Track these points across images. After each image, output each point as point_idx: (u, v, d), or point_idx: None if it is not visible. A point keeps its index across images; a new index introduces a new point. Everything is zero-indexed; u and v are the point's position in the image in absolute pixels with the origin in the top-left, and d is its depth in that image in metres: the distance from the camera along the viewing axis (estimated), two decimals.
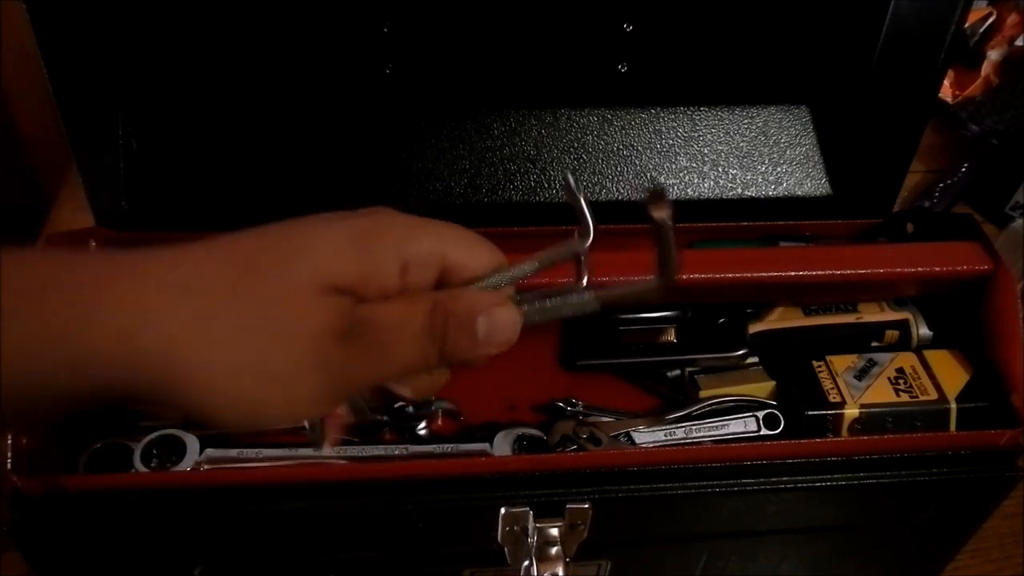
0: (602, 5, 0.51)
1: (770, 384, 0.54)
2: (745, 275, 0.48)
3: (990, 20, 0.89)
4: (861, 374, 0.52)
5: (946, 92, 0.88)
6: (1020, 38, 0.87)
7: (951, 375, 0.51)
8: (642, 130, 0.56)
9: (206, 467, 0.47)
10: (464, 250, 0.31)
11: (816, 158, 0.58)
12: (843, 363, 0.52)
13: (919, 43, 0.52)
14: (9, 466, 0.40)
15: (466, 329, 0.29)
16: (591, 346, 0.56)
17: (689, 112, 0.57)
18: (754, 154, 0.57)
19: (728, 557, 0.52)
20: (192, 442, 0.47)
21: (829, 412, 0.50)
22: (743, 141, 0.57)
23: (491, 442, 0.50)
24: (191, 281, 0.26)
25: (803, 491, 0.46)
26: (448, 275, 0.30)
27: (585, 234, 0.32)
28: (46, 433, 0.44)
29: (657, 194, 0.28)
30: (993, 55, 0.88)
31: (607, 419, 0.52)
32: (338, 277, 0.27)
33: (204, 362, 0.25)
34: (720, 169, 0.57)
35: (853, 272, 0.49)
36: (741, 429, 0.52)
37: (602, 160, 0.56)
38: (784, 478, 0.46)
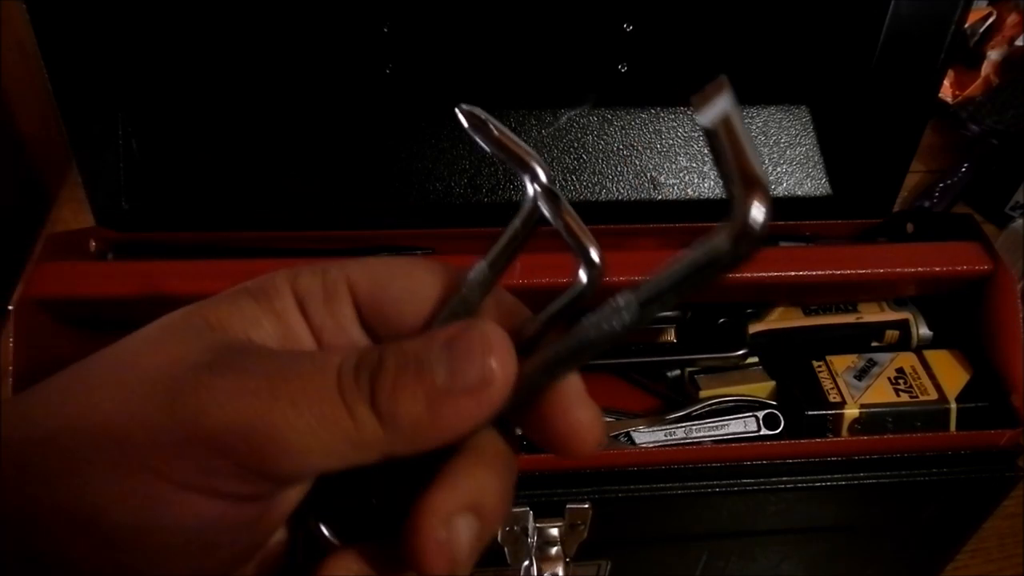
0: (602, 5, 0.51)
1: (770, 384, 0.54)
2: (745, 275, 0.48)
3: (990, 20, 0.89)
4: (861, 374, 0.52)
5: (946, 92, 0.88)
6: (1020, 38, 0.87)
7: (951, 375, 0.51)
8: (642, 130, 0.56)
9: None
10: (374, 272, 0.23)
11: (816, 158, 0.58)
12: (843, 363, 0.52)
13: (919, 43, 0.52)
14: None
15: (414, 366, 0.20)
16: None
17: (689, 112, 0.57)
18: None
19: (728, 557, 0.52)
20: None
21: (829, 412, 0.50)
22: None
23: None
24: None
25: (803, 491, 0.46)
26: (380, 313, 0.23)
27: (589, 264, 0.24)
28: None
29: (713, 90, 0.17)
30: (993, 55, 0.88)
31: (607, 419, 0.52)
32: (211, 312, 0.22)
33: None
34: None
35: (853, 272, 0.49)
36: (741, 429, 0.52)
37: (602, 160, 0.56)
38: (784, 478, 0.46)
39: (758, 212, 0.16)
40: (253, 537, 0.21)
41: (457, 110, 0.22)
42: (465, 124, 0.22)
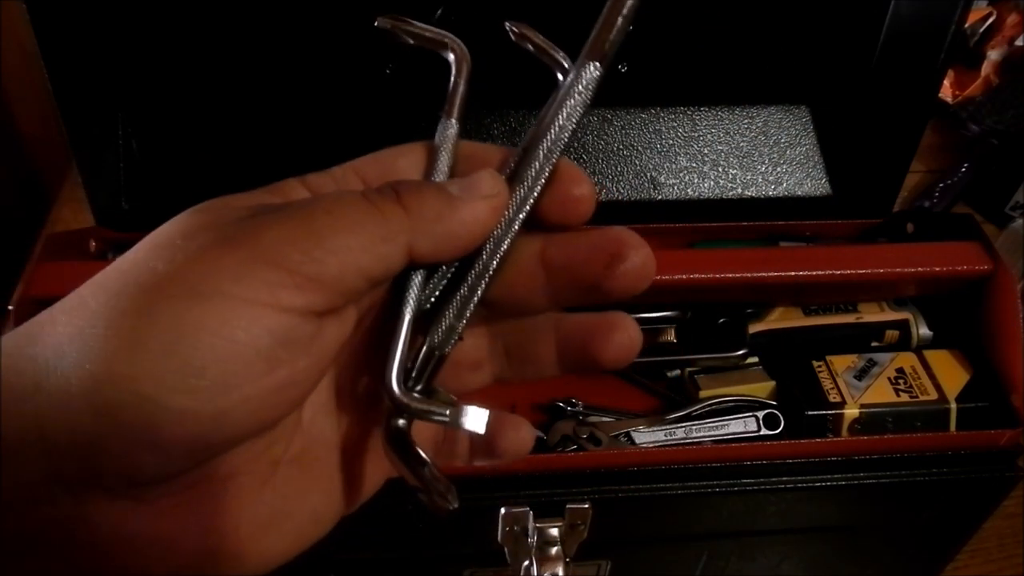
0: (602, 5, 0.51)
1: (770, 384, 0.54)
2: (745, 275, 0.48)
3: (990, 20, 0.89)
4: (861, 374, 0.52)
5: (946, 92, 0.88)
6: (1020, 38, 0.87)
7: (951, 375, 0.51)
8: (642, 130, 0.56)
9: None
10: (378, 158, 0.27)
11: (816, 158, 0.58)
12: (843, 363, 0.52)
13: (919, 43, 0.52)
14: None
15: (430, 185, 0.24)
16: None
17: (689, 112, 0.57)
18: (754, 154, 0.57)
19: (728, 557, 0.52)
20: None
21: (829, 412, 0.50)
22: (743, 141, 0.57)
23: None
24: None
25: (803, 491, 0.46)
26: None
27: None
28: None
29: None
30: (993, 55, 0.88)
31: (607, 419, 0.53)
32: (229, 202, 0.24)
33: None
34: (720, 169, 0.57)
35: (853, 272, 0.49)
36: (741, 429, 0.52)
37: (602, 160, 0.56)
38: (784, 478, 0.46)
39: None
40: (308, 360, 0.23)
41: (376, 23, 0.28)
42: (389, 27, 0.28)
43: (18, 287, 0.44)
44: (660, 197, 0.56)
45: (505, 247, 0.25)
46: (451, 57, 0.28)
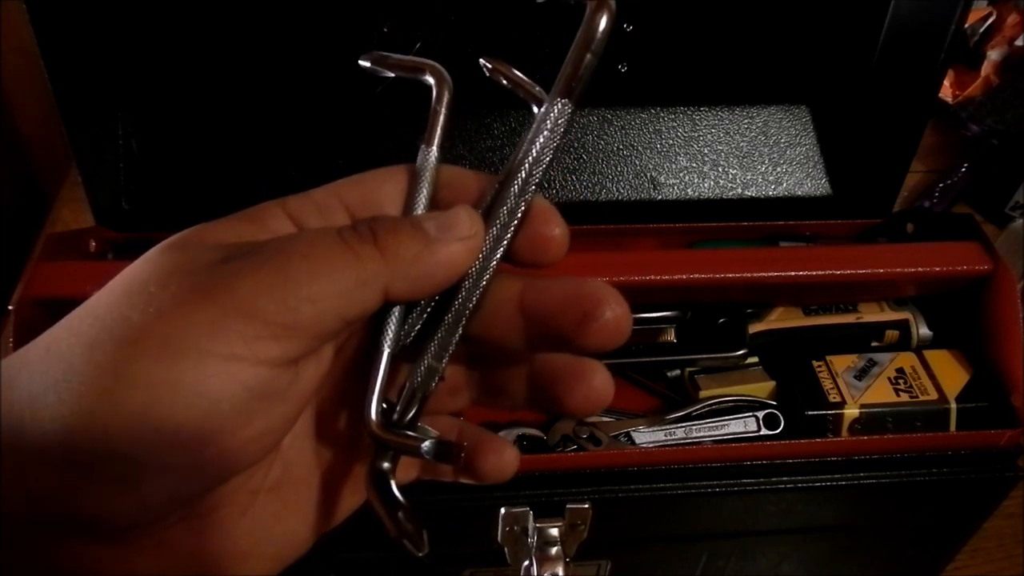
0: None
1: (770, 384, 0.54)
2: (745, 275, 0.48)
3: (990, 20, 0.89)
4: (861, 374, 0.52)
5: (946, 92, 0.88)
6: (1020, 38, 0.87)
7: (951, 375, 0.51)
8: (642, 130, 0.56)
9: None
10: (361, 181, 0.26)
11: (816, 158, 0.58)
12: (843, 363, 0.52)
13: (919, 43, 0.52)
14: None
15: (408, 223, 0.24)
16: None
17: (689, 112, 0.57)
18: (754, 154, 0.57)
19: (728, 557, 0.52)
20: None
21: (829, 412, 0.50)
22: (743, 141, 0.57)
23: None
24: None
25: (803, 491, 0.46)
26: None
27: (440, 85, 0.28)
28: None
29: None
30: (993, 55, 0.88)
31: (607, 419, 0.52)
32: (205, 235, 0.24)
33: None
34: (720, 169, 0.57)
35: (853, 272, 0.49)
36: (741, 429, 0.52)
37: (602, 160, 0.56)
38: (784, 478, 0.46)
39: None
40: (285, 408, 0.23)
41: (360, 61, 0.28)
42: (369, 65, 0.28)
43: (18, 287, 0.44)
44: (660, 197, 0.56)
45: (483, 285, 0.25)
46: (431, 82, 0.28)
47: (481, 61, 0.28)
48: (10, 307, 0.43)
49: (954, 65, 0.89)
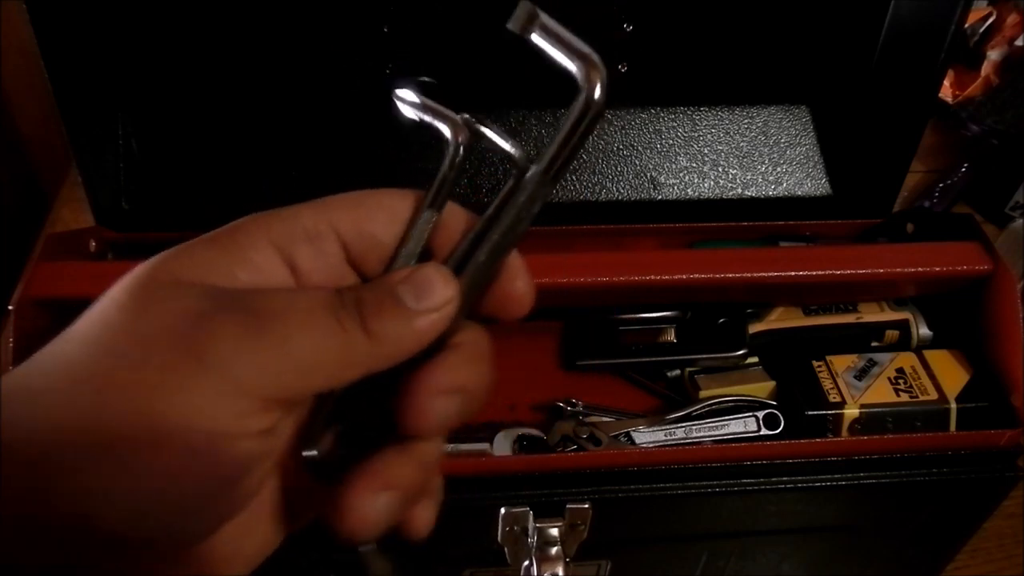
0: (602, 5, 0.51)
1: (770, 384, 0.54)
2: (745, 275, 0.48)
3: (990, 20, 0.89)
4: (861, 374, 0.52)
5: (946, 92, 0.88)
6: (1020, 38, 0.87)
7: (951, 375, 0.51)
8: (642, 130, 0.56)
9: None
10: (356, 206, 0.25)
11: (816, 158, 0.58)
12: (843, 363, 0.52)
13: (919, 43, 0.52)
14: None
15: (388, 297, 0.23)
16: (591, 346, 0.56)
17: (689, 112, 0.57)
18: (754, 154, 0.57)
19: (728, 557, 0.52)
20: None
21: (829, 412, 0.50)
22: (743, 141, 0.57)
23: (491, 442, 0.50)
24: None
25: (803, 491, 0.46)
26: (356, 254, 0.25)
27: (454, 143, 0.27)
28: None
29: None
30: (993, 55, 0.88)
31: (607, 419, 0.52)
32: (186, 271, 0.22)
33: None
34: (720, 169, 0.57)
35: (853, 272, 0.49)
36: (741, 429, 0.52)
37: (602, 160, 0.56)
38: (784, 478, 0.46)
39: (601, 69, 0.24)
40: (264, 468, 0.23)
41: (393, 97, 0.27)
42: (398, 101, 0.27)
43: (18, 287, 0.44)
44: (660, 197, 0.56)
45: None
46: (447, 134, 0.27)
47: (464, 116, 0.27)
48: (10, 307, 0.43)
49: (954, 65, 0.89)
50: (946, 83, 0.88)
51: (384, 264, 0.25)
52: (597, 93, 0.24)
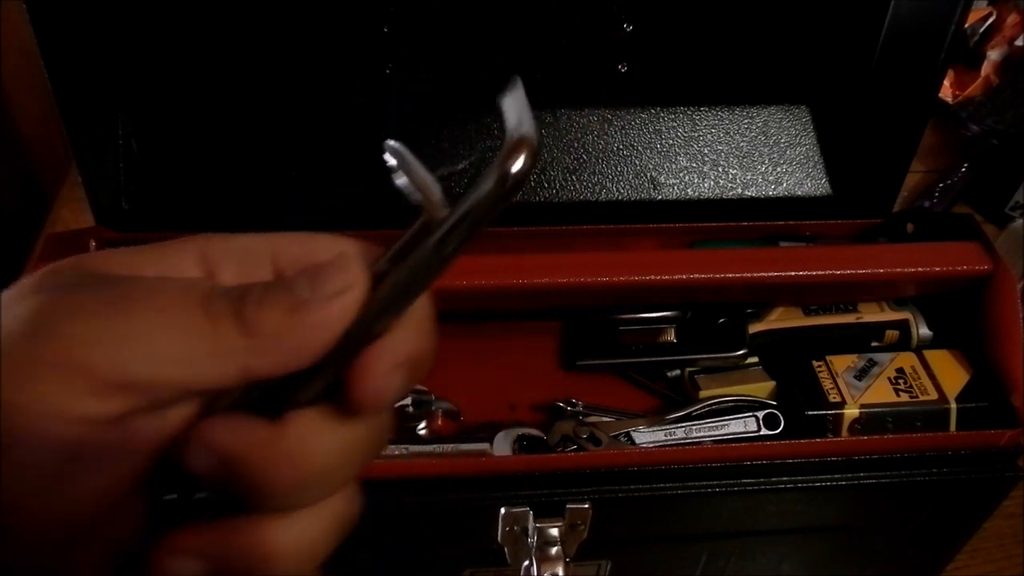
0: (602, 5, 0.51)
1: (770, 384, 0.54)
2: (745, 275, 0.48)
3: (990, 20, 0.89)
4: (861, 374, 0.52)
5: (946, 92, 0.88)
6: (1020, 38, 0.87)
7: (951, 375, 0.51)
8: (642, 130, 0.56)
9: None
10: (294, 240, 0.23)
11: (816, 158, 0.58)
12: (843, 363, 0.52)
13: (919, 43, 0.52)
14: None
15: (276, 287, 0.21)
16: (591, 346, 0.56)
17: (689, 112, 0.57)
18: (754, 154, 0.57)
19: (728, 557, 0.52)
20: None
21: (829, 412, 0.50)
22: (743, 141, 0.57)
23: (491, 442, 0.50)
24: None
25: (803, 491, 0.46)
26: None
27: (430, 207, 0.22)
28: None
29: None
30: (993, 55, 0.88)
31: (607, 419, 0.52)
32: (98, 264, 0.21)
33: None
34: (720, 169, 0.57)
35: (853, 272, 0.49)
36: (741, 429, 0.52)
37: (602, 160, 0.56)
38: (784, 478, 0.46)
39: (519, 163, 0.20)
40: (116, 468, 0.20)
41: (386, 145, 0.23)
42: (388, 156, 0.23)
43: None
44: (660, 197, 0.56)
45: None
46: (421, 205, 0.22)
47: (385, 152, 0.23)
48: None
49: (954, 65, 0.89)
50: (946, 83, 0.88)
51: None
52: (510, 179, 0.20)
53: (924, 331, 0.55)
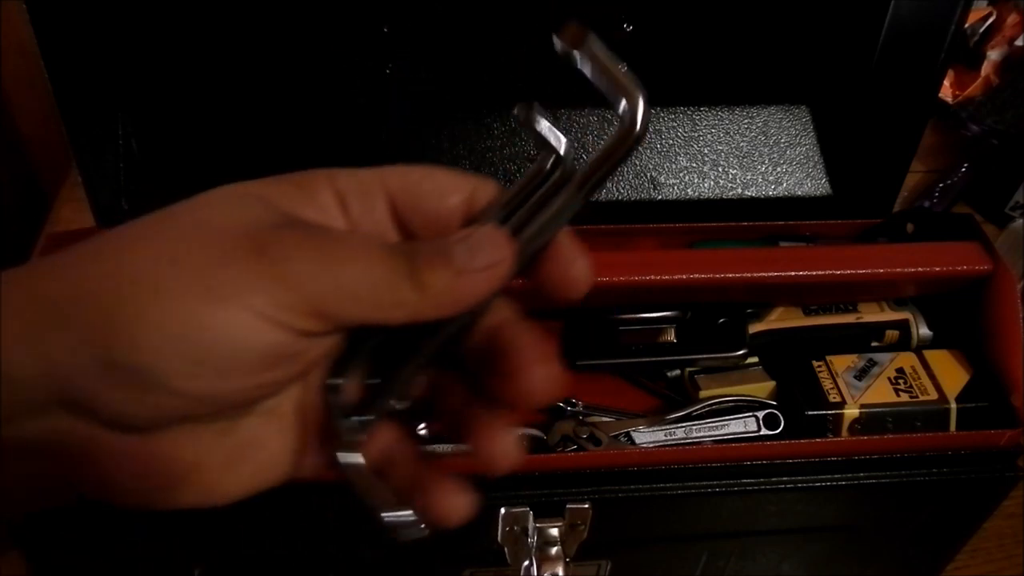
0: (602, 5, 0.51)
1: (770, 384, 0.54)
2: (745, 275, 0.48)
3: (990, 20, 0.89)
4: (861, 374, 0.52)
5: (946, 92, 0.88)
6: (1020, 38, 0.87)
7: (951, 375, 0.51)
8: None
9: None
10: (406, 173, 0.27)
11: (816, 158, 0.58)
12: (843, 363, 0.52)
13: (919, 43, 0.52)
14: None
15: (441, 252, 0.25)
16: (591, 346, 0.56)
17: (689, 112, 0.57)
18: (754, 154, 0.57)
19: (728, 557, 0.52)
20: None
21: (829, 412, 0.50)
22: (743, 141, 0.57)
23: None
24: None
25: (803, 491, 0.46)
26: (412, 210, 0.27)
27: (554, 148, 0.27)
28: None
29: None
30: (993, 55, 0.88)
31: (607, 419, 0.53)
32: (262, 190, 0.26)
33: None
34: (720, 169, 0.57)
35: (853, 272, 0.49)
36: (741, 429, 0.52)
37: None
38: (784, 478, 0.46)
39: (644, 105, 0.25)
40: (294, 368, 0.25)
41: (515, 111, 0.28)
42: (523, 116, 0.28)
43: None
44: (660, 197, 0.56)
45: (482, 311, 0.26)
46: (549, 159, 0.27)
47: (515, 110, 0.28)
48: None
49: (954, 65, 0.89)
50: (946, 83, 0.88)
51: (428, 232, 0.27)
52: (638, 127, 0.25)
53: (924, 331, 0.55)
